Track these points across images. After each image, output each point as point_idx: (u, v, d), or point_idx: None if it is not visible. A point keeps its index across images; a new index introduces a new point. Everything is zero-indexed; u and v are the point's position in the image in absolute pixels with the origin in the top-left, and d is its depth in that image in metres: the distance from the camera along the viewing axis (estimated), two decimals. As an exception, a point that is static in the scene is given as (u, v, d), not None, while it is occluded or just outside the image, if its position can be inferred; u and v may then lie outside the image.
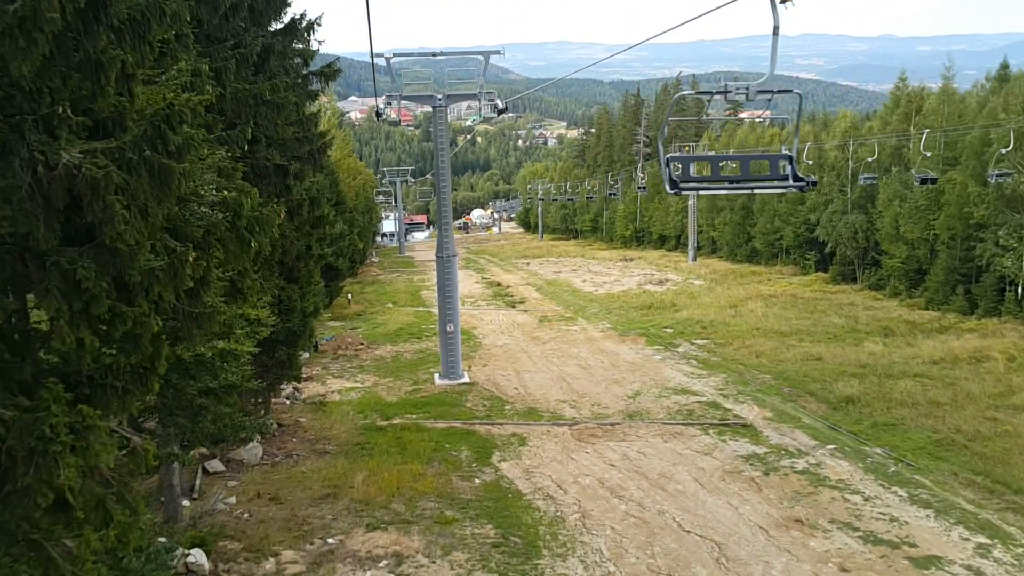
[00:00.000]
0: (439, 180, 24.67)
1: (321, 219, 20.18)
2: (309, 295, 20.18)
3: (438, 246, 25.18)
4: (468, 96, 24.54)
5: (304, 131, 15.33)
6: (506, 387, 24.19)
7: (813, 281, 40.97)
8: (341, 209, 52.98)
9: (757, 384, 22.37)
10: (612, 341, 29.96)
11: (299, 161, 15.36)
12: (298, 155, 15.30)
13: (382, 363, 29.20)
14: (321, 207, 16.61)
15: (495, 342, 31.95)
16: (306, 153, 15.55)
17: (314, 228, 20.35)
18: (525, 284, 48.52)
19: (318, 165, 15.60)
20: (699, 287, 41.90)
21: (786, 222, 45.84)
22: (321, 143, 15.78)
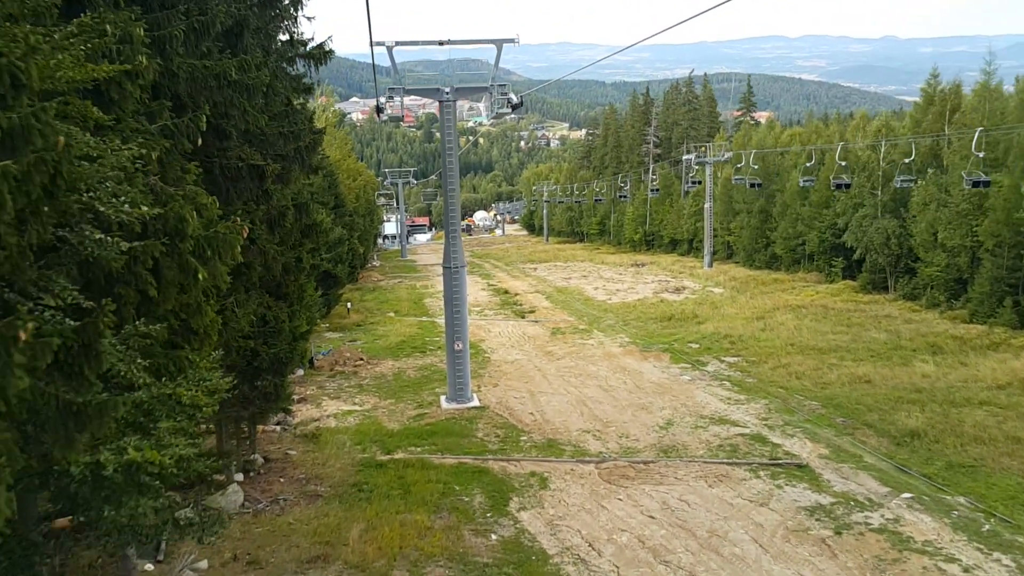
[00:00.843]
0: (446, 183, 22.29)
1: (313, 227, 17.75)
2: (300, 313, 17.76)
3: (445, 255, 22.78)
4: (478, 90, 22.13)
5: (290, 125, 12.91)
6: (520, 412, 21.77)
7: (841, 290, 38.49)
8: (340, 212, 50.63)
9: (804, 412, 19.91)
10: (633, 358, 27.51)
11: (284, 161, 12.94)
12: (283, 153, 12.89)
13: (383, 382, 26.79)
14: (311, 214, 14.16)
15: (505, 357, 29.52)
16: (292, 151, 13.14)
17: (305, 236, 17.94)
18: (534, 291, 46.08)
19: (307, 165, 13.17)
20: (720, 296, 39.44)
21: (810, 227, 43.36)
22: (311, 139, 13.35)
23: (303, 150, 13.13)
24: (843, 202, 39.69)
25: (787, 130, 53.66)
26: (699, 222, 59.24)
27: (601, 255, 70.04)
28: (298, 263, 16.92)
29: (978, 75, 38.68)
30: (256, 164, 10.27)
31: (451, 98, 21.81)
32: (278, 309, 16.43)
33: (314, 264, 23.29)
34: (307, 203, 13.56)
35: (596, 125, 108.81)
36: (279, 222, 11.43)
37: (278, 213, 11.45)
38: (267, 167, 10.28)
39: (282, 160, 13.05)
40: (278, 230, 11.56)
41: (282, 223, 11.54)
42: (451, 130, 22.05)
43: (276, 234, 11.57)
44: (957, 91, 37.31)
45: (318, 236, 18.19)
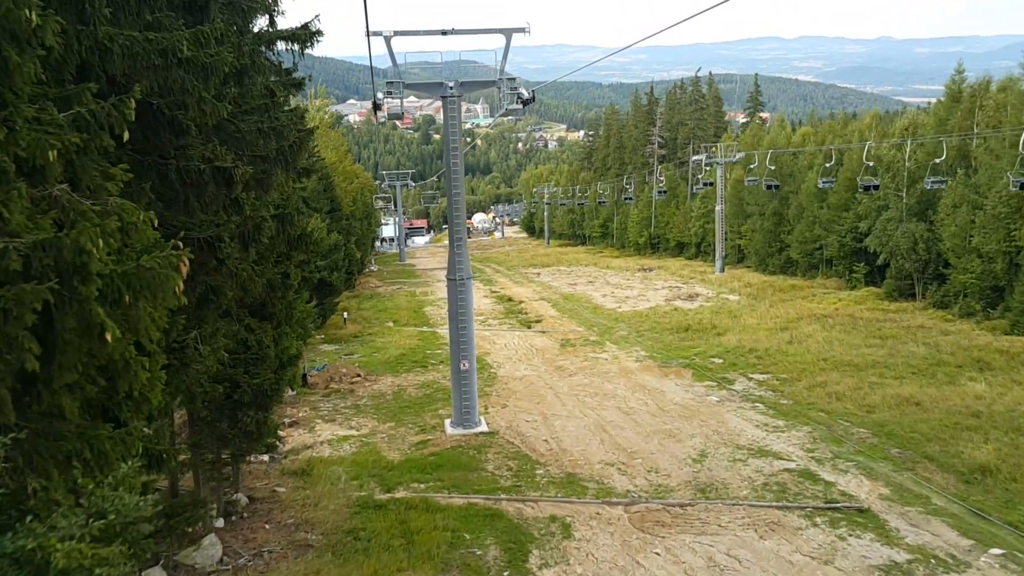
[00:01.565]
0: (450, 185, 20.21)
1: (303, 237, 15.66)
2: (289, 335, 15.68)
3: (450, 265, 20.70)
4: (485, 84, 20.07)
5: (271, 121, 10.83)
6: (534, 439, 19.69)
7: (865, 297, 36.46)
8: (336, 217, 48.64)
9: (853, 442, 17.83)
10: (652, 375, 25.44)
11: (264, 163, 10.86)
12: (262, 154, 10.81)
13: (382, 401, 24.72)
14: (298, 223, 12.04)
15: (513, 373, 27.46)
16: (274, 152, 11.06)
17: (294, 248, 15.85)
18: (539, 299, 43.99)
19: (292, 167, 11.08)
20: (737, 304, 37.38)
21: (829, 230, 41.31)
22: (297, 138, 11.27)
23: (287, 150, 11.03)
24: (866, 204, 37.66)
25: (799, 129, 51.61)
26: (708, 225, 57.27)
27: (605, 259, 67.97)
28: (285, 279, 14.85)
29: (974, 76, 37.11)
30: (222, 167, 8.19)
31: (455, 94, 19.74)
32: (262, 332, 14.36)
33: (306, 276, 21.24)
34: (291, 213, 11.48)
35: (594, 126, 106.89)
36: (254, 236, 9.37)
37: (253, 226, 9.38)
38: (235, 170, 8.20)
39: (262, 162, 10.98)
40: (254, 245, 9.48)
41: (258, 237, 9.46)
42: (455, 129, 19.98)
43: (252, 250, 9.48)
44: (986, 87, 35.32)
45: (309, 247, 16.08)
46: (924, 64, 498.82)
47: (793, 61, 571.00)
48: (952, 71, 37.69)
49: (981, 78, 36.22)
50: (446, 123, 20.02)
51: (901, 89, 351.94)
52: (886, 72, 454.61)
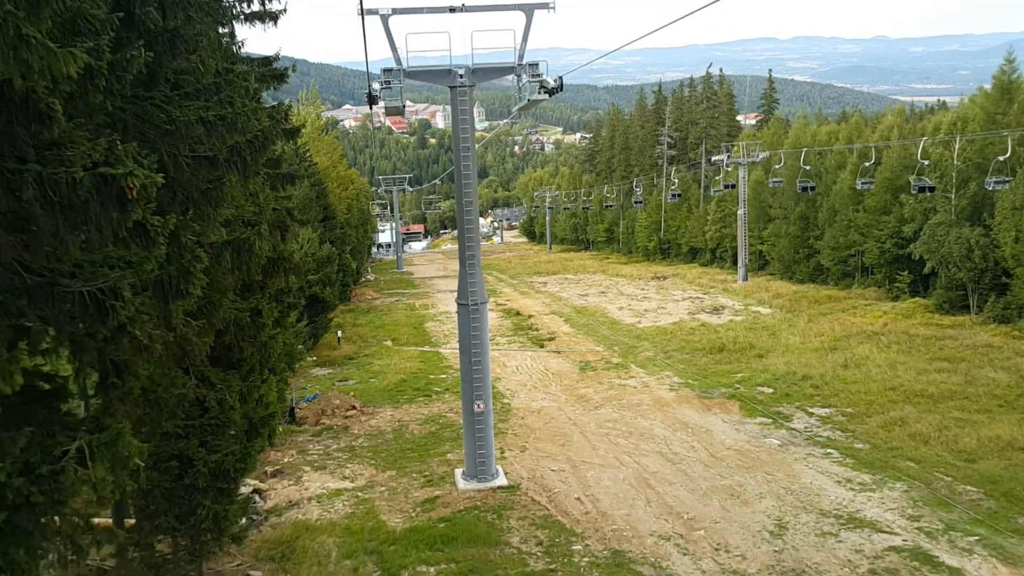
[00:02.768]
0: (461, 194, 16.82)
1: (280, 262, 12.31)
2: (261, 387, 12.29)
3: (461, 288, 17.31)
4: (501, 70, 16.68)
5: (221, 107, 7.44)
6: (564, 497, 16.31)
7: (912, 310, 33.11)
8: (330, 226, 45.27)
9: (964, 505, 14.46)
10: (692, 407, 22.07)
11: (211, 168, 7.49)
12: (207, 154, 7.44)
13: (381, 442, 21.34)
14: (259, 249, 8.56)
15: (529, 404, 24.09)
16: (228, 152, 7.69)
17: (269, 276, 12.50)
18: (549, 312, 40.59)
19: (249, 170, 7.72)
20: (770, 318, 34.01)
21: (866, 235, 37.97)
22: (259, 133, 7.88)
23: (244, 149, 7.64)
24: (911, 207, 34.32)
25: (824, 127, 48.31)
26: (725, 229, 54.02)
27: (614, 266, 64.62)
28: (256, 317, 11.45)
29: (970, 74, 34.14)
30: (108, 174, 4.81)
31: (467, 83, 16.37)
32: (225, 387, 10.95)
33: (290, 304, 17.84)
34: (251, 239, 8.04)
35: (594, 128, 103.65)
36: (182, 281, 5.99)
37: (180, 269, 5.98)
38: (127, 180, 4.82)
39: (209, 166, 7.58)
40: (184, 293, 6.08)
41: (190, 281, 6.06)
42: (466, 125, 16.60)
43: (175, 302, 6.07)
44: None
45: (288, 272, 12.68)
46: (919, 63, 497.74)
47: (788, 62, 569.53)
48: (947, 69, 34.50)
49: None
50: (455, 118, 16.63)
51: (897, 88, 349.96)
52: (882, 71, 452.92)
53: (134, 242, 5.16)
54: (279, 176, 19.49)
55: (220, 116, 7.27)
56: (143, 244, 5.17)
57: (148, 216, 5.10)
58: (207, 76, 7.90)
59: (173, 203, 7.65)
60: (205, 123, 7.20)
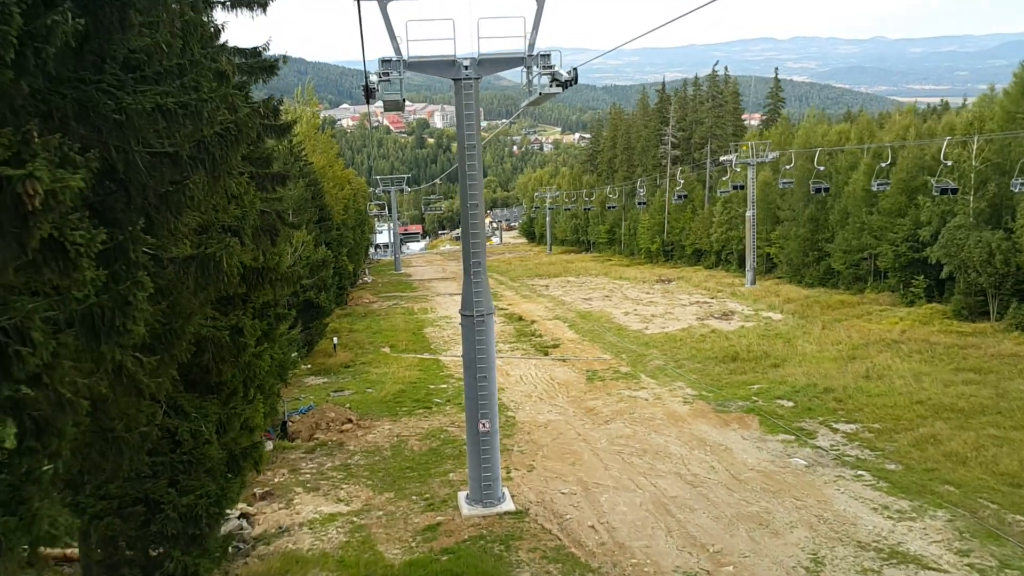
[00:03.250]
0: (465, 195, 15.54)
1: (265, 273, 11.08)
2: (244, 412, 11.04)
3: (464, 297, 16.05)
4: (510, 61, 15.41)
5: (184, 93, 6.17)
6: (576, 525, 15.06)
7: (930, 316, 31.89)
8: (325, 227, 43.99)
9: (1016, 536, 13.21)
10: (709, 422, 20.81)
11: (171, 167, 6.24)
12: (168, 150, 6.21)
13: (378, 460, 20.09)
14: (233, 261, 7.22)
15: (535, 417, 22.85)
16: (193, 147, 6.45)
17: (254, 288, 11.26)
18: (553, 318, 39.32)
19: (219, 169, 6.44)
20: (783, 325, 32.76)
21: (881, 238, 36.74)
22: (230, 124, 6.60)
23: (212, 143, 6.37)
24: (928, 210, 33.08)
25: (834, 126, 47.07)
26: (731, 231, 52.78)
27: (616, 268, 63.36)
28: (236, 336, 10.18)
29: (968, 75, 32.94)
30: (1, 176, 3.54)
31: (472, 75, 15.11)
32: (201, 416, 9.69)
33: (280, 314, 16.55)
34: (216, 254, 6.72)
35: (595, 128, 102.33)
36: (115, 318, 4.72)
37: (114, 303, 4.70)
38: (26, 184, 3.53)
39: (171, 165, 6.31)
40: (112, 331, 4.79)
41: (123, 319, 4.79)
42: (471, 121, 15.33)
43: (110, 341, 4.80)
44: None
45: (275, 283, 11.42)
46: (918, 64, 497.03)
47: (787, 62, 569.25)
48: (945, 70, 33.34)
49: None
50: (459, 114, 15.36)
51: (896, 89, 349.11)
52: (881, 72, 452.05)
53: (47, 265, 3.92)
54: (269, 176, 18.19)
55: (182, 103, 5.99)
56: (59, 268, 3.93)
57: (67, 231, 3.86)
58: (170, 57, 6.63)
59: (128, 210, 6.36)
60: (163, 112, 5.94)
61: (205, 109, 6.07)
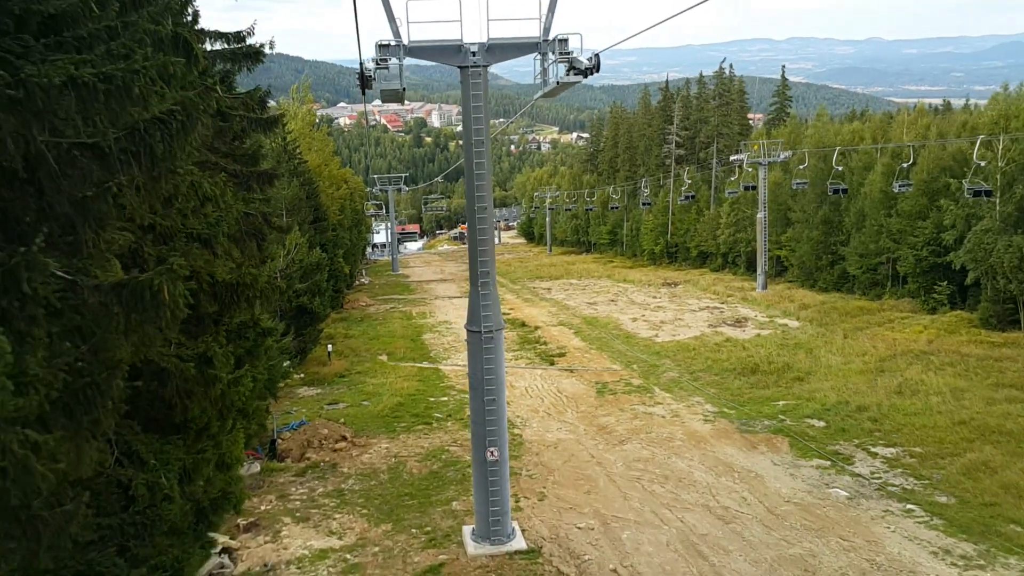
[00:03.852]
0: (472, 195, 13.86)
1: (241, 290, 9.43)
2: (211, 459, 9.41)
3: (471, 311, 14.36)
4: (523, 46, 13.73)
5: (112, 60, 4.47)
6: (596, 569, 13.43)
7: (955, 324, 30.30)
8: (320, 228, 42.31)
9: (1103, 591, 11.62)
10: (734, 444, 19.17)
11: (94, 160, 4.50)
12: (90, 141, 4.45)
13: (374, 484, 18.43)
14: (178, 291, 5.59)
15: (544, 435, 21.23)
16: (124, 135, 4.70)
17: (229, 307, 9.63)
18: (557, 324, 37.67)
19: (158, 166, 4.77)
20: (801, 333, 31.12)
21: (900, 242, 35.13)
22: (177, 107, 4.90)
23: (152, 132, 4.69)
24: (952, 213, 31.48)
25: (847, 125, 45.49)
26: (739, 233, 51.18)
27: (619, 270, 61.70)
28: (204, 368, 8.50)
29: (964, 76, 31.52)
30: None
31: (481, 62, 13.43)
32: (161, 462, 8.03)
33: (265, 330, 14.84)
34: (151, 283, 5.02)
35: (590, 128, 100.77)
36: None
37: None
38: None
39: (90, 157, 4.64)
40: None
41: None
42: (480, 114, 13.64)
43: None
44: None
45: (253, 301, 9.76)
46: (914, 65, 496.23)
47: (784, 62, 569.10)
48: (941, 71, 31.91)
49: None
50: (466, 106, 13.67)
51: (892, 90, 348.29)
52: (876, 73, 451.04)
53: None
54: (255, 175, 16.53)
55: (103, 76, 4.34)
56: None
57: None
58: (100, 20, 4.95)
59: (41, 221, 4.70)
60: (78, 87, 4.27)
61: (136, 84, 4.39)
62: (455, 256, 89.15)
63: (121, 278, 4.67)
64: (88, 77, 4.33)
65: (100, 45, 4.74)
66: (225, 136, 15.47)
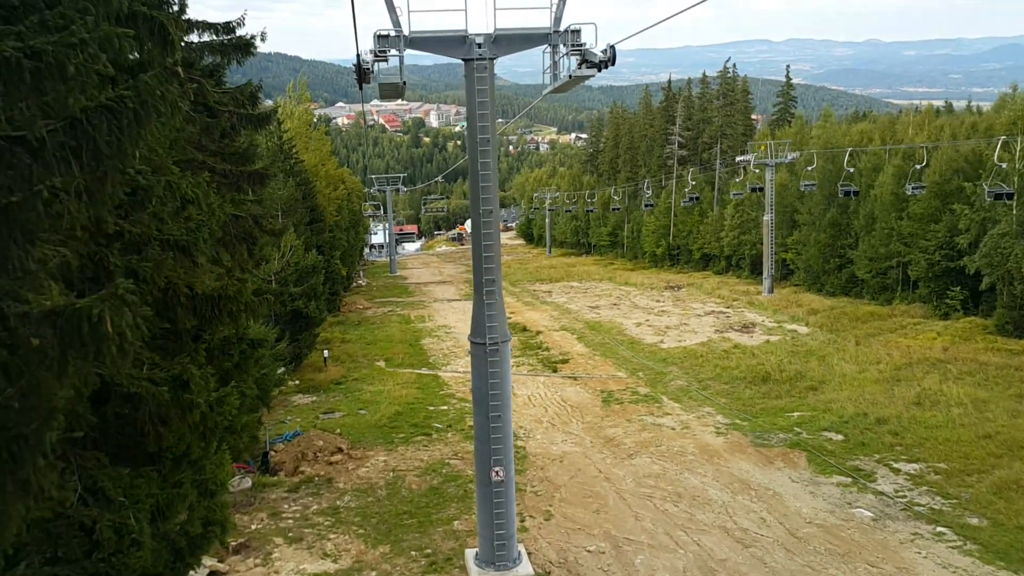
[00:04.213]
0: (477, 200, 12.96)
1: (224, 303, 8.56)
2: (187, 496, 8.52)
3: (475, 322, 13.43)
4: (532, 37, 12.84)
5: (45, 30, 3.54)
6: (610, 597, 12.52)
7: (970, 331, 29.45)
8: (317, 229, 41.41)
9: None
10: (749, 459, 18.27)
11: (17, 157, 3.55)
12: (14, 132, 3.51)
13: (371, 501, 17.54)
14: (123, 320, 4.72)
15: (548, 448, 20.34)
16: (63, 126, 3.77)
17: (209, 323, 8.79)
18: (559, 328, 36.77)
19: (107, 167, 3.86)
20: (811, 339, 30.24)
21: (911, 245, 34.29)
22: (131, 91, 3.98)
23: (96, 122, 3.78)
24: (967, 216, 30.61)
25: (855, 125, 44.65)
26: (744, 235, 50.32)
27: (621, 272, 60.77)
28: (180, 392, 7.61)
29: (962, 78, 30.75)
30: None
31: (487, 54, 12.53)
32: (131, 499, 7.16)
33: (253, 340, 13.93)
34: (89, 312, 4.18)
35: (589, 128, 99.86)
36: None
37: None
38: None
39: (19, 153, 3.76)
40: None
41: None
42: (485, 111, 12.72)
43: None
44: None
45: (237, 315, 8.87)
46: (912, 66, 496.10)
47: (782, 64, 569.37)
48: (939, 73, 31.14)
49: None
50: (471, 102, 12.77)
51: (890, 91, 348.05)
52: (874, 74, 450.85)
53: None
54: (246, 175, 15.59)
55: (29, 51, 3.42)
56: None
57: None
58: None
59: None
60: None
61: (71, 60, 3.47)
62: (454, 257, 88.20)
63: (57, 304, 3.78)
64: (9, 51, 3.43)
65: (34, 15, 3.85)
66: (213, 133, 14.59)
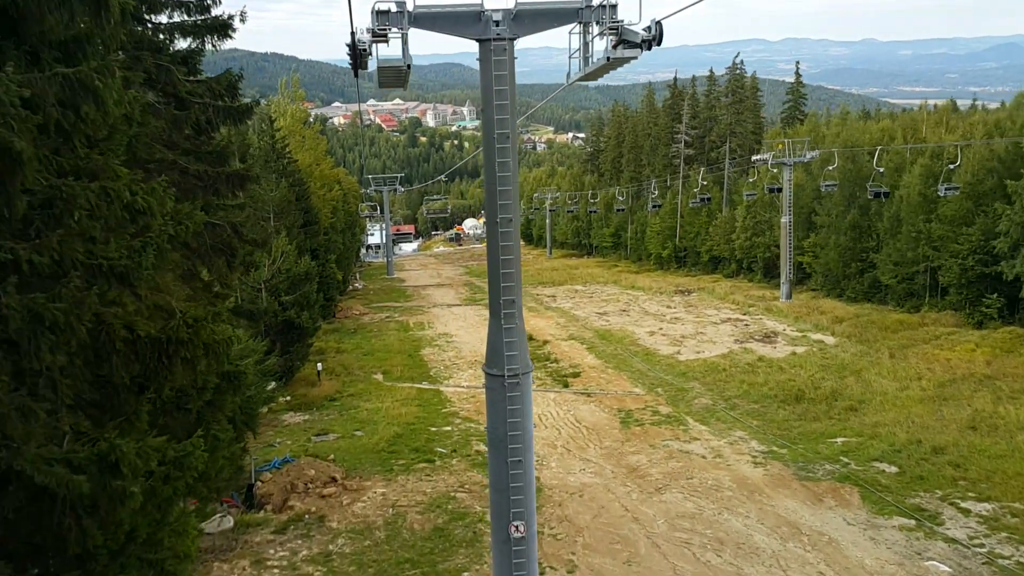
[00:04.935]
0: (495, 206, 10.90)
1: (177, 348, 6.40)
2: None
3: (491, 350, 11.30)
4: (560, 15, 10.79)
5: None
6: None
7: (1010, 342, 27.41)
8: (311, 232, 39.35)
9: None
10: (795, 496, 16.23)
11: None
12: None
13: (368, 544, 15.51)
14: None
15: (565, 479, 18.32)
16: None
17: (157, 374, 6.69)
18: (567, 338, 34.70)
19: None
20: (841, 351, 28.20)
21: (941, 249, 32.28)
22: None
23: None
24: (1008, 218, 28.57)
25: (876, 123, 42.66)
26: (756, 237, 48.29)
27: (626, 275, 58.68)
28: (108, 477, 5.57)
29: (958, 77, 28.79)
30: None
31: (506, 34, 10.45)
32: None
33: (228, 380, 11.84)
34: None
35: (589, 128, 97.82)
36: None
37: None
38: None
39: None
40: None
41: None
42: (505, 102, 10.63)
43: None
44: None
45: (194, 363, 6.79)
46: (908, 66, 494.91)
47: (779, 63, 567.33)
48: (936, 72, 29.16)
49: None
50: (487, 88, 10.66)
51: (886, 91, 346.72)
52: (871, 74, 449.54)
53: None
54: (223, 176, 13.57)
55: None
56: None
57: None
58: None
59: None
60: None
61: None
62: (451, 258, 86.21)
63: None
64: None
65: None
66: (183, 127, 12.51)
